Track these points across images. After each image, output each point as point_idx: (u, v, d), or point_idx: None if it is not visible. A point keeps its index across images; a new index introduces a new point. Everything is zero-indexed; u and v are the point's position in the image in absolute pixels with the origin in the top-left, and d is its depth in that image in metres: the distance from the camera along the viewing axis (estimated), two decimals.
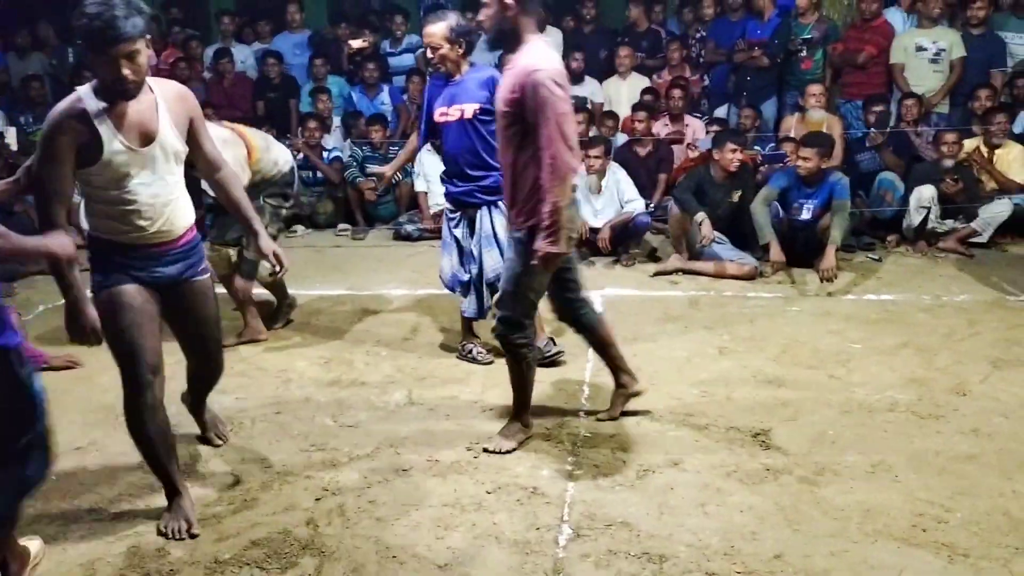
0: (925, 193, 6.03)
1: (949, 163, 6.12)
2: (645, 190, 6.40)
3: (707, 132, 7.03)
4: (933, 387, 3.90)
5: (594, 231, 6.07)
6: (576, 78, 7.68)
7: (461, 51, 4.00)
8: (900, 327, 4.69)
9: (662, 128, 7.12)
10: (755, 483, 3.10)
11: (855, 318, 4.87)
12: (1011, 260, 5.90)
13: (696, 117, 7.37)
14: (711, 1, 8.04)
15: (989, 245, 6.11)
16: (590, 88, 7.72)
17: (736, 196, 5.87)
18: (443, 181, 4.23)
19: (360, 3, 11.05)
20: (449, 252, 4.23)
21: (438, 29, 3.94)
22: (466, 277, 4.18)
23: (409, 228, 6.96)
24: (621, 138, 7.09)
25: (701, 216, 5.68)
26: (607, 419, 3.60)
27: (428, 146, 6.05)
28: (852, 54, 7.02)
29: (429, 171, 6.73)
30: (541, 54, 3.04)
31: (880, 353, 4.33)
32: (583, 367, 4.22)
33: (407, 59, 8.19)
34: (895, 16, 7.21)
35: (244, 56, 8.39)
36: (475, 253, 4.12)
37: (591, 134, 6.77)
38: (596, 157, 6.06)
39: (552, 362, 4.17)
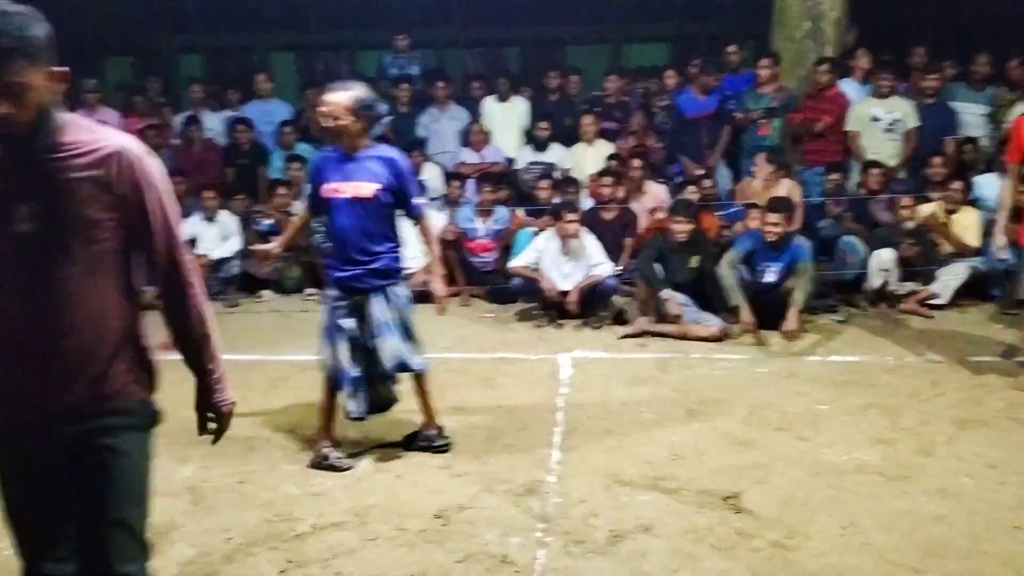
0: (885, 256, 6.17)
1: (908, 227, 6.28)
2: (611, 253, 6.49)
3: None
4: (899, 448, 3.92)
5: (563, 294, 6.11)
6: (541, 145, 7.83)
7: (362, 126, 3.69)
8: (865, 388, 4.74)
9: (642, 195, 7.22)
10: (727, 548, 3.07)
11: (821, 379, 4.91)
12: (970, 321, 6.02)
13: (660, 182, 7.52)
14: (673, 72, 8.34)
15: (949, 307, 6.23)
16: (557, 154, 7.86)
17: (695, 261, 5.98)
18: (328, 265, 3.92)
19: (330, 71, 11.25)
20: (333, 343, 3.76)
21: (341, 99, 3.64)
22: (355, 373, 3.74)
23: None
24: (586, 203, 7.20)
25: (667, 294, 5.76)
26: None
27: None
28: (810, 123, 7.24)
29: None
30: None
31: (846, 414, 4.36)
32: (552, 431, 4.19)
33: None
34: (848, 86, 7.47)
35: (213, 123, 8.44)
36: (368, 345, 3.75)
37: (555, 200, 6.87)
38: (571, 221, 6.14)
39: (439, 449, 3.96)
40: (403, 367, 3.82)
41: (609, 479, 3.65)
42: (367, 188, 3.67)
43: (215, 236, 7.26)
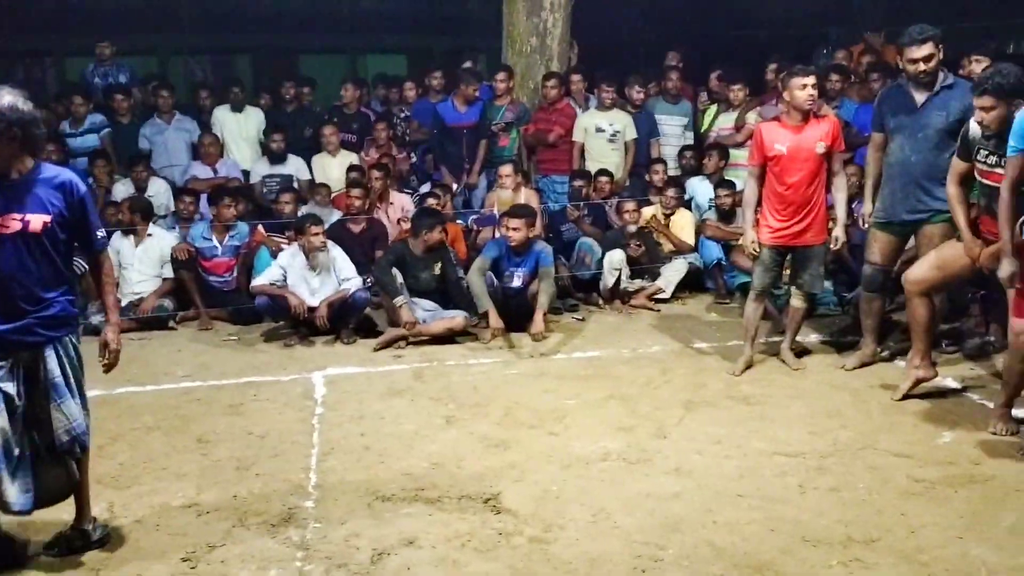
0: (615, 256, 6.63)
1: (632, 229, 6.81)
2: (362, 266, 6.42)
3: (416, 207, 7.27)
4: (639, 433, 4.23)
5: (312, 310, 5.93)
6: (278, 157, 7.57)
7: (15, 145, 2.94)
8: (606, 380, 5.05)
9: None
10: (489, 549, 3.14)
11: (567, 375, 5.17)
12: (690, 312, 6.63)
13: (406, 193, 7.56)
14: (412, 84, 8.44)
15: (672, 300, 6.83)
16: (295, 165, 7.64)
17: (437, 268, 6.08)
18: None
19: (32, 80, 10.16)
20: None
21: None
22: (15, 452, 2.97)
23: (96, 320, 6.32)
24: (335, 214, 7.05)
25: (400, 300, 5.79)
26: None
27: None
28: (543, 134, 7.62)
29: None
30: None
31: (591, 407, 4.62)
32: (308, 454, 4.06)
33: (91, 139, 7.60)
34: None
35: None
36: (39, 415, 3.03)
37: (301, 212, 6.68)
38: (316, 234, 5.98)
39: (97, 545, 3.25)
40: (80, 441, 3.11)
41: (370, 496, 3.59)
42: (35, 220, 2.97)
43: None
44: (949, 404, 4.45)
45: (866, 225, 5.13)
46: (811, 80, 4.77)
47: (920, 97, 4.74)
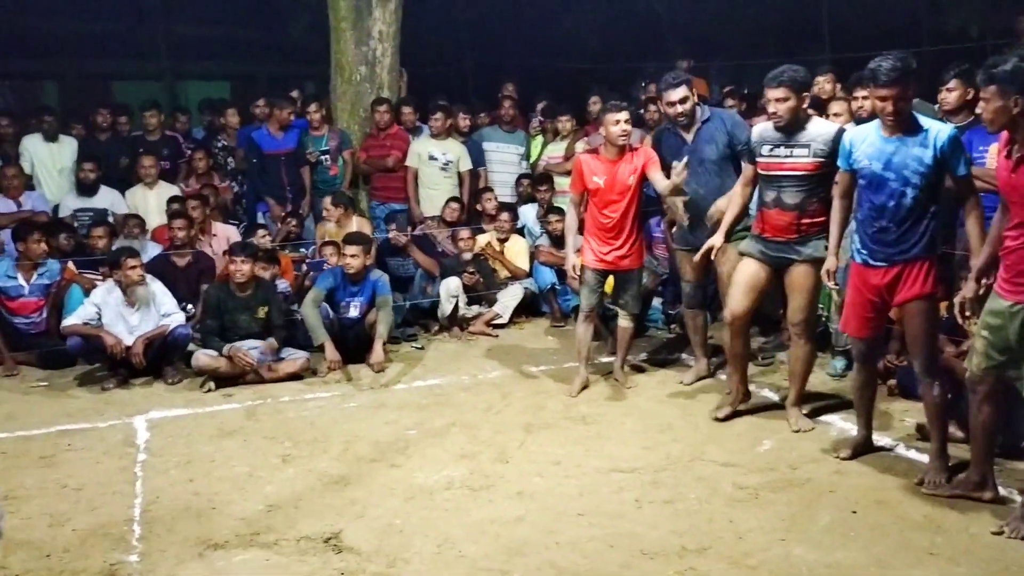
0: (452, 284, 6.66)
1: (467, 256, 6.87)
2: (189, 300, 6.09)
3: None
4: (481, 459, 4.24)
5: (129, 349, 5.55)
6: (89, 189, 7.07)
7: None
8: (447, 408, 5.04)
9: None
10: None
11: (408, 405, 5.12)
12: (527, 336, 6.75)
13: (231, 224, 7.27)
14: (235, 110, 8.19)
15: (509, 325, 6.93)
16: (109, 199, 7.16)
17: (262, 312, 5.79)
18: None
19: None
20: None
21: None
22: None
23: None
24: (151, 247, 6.64)
25: (229, 350, 5.49)
26: None
27: None
28: (380, 159, 7.56)
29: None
30: None
31: (433, 435, 4.59)
32: (131, 504, 3.79)
33: None
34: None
35: None
36: None
37: (116, 245, 6.27)
38: (134, 267, 5.61)
39: None
40: None
41: (201, 545, 3.39)
42: None
43: None
44: (768, 414, 4.75)
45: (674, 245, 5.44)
46: (623, 116, 4.96)
47: (688, 135, 5.05)
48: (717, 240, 4.65)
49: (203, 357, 5.54)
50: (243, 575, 3.15)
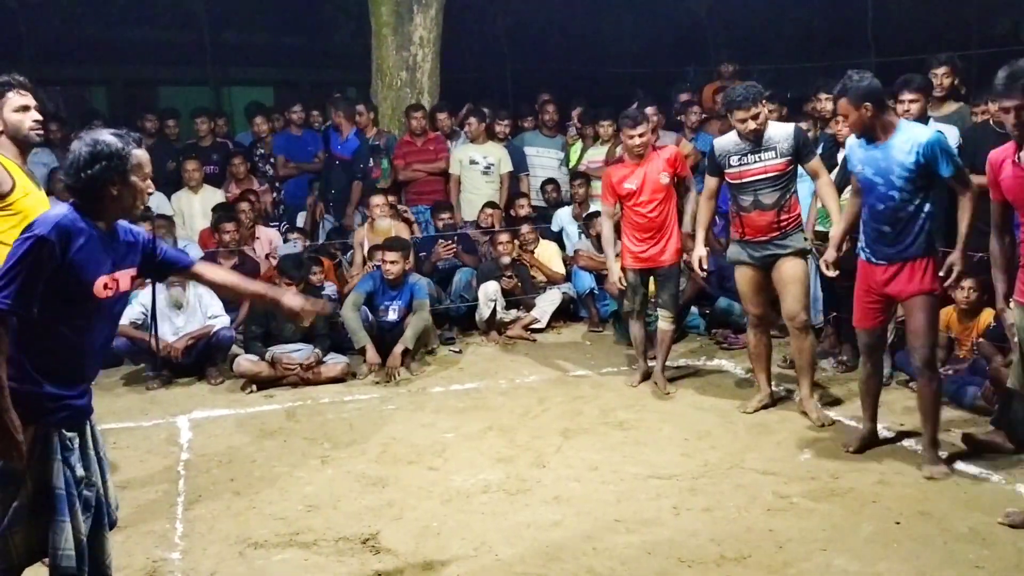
0: (490, 288, 6.68)
1: (506, 261, 6.88)
2: (231, 304, 6.18)
3: (285, 242, 7.11)
4: (518, 464, 4.24)
5: None
6: None
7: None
8: (484, 412, 5.05)
9: None
10: None
11: (445, 408, 5.14)
12: (565, 341, 6.74)
13: (273, 227, 7.37)
14: (280, 114, 8.32)
15: (547, 329, 6.92)
16: (155, 202, 7.29)
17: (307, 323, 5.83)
18: (46, 393, 2.42)
19: None
20: (71, 512, 2.46)
21: None
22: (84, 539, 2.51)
23: None
24: (192, 248, 6.76)
25: (272, 355, 5.59)
26: None
27: None
28: (428, 163, 7.59)
29: None
30: None
31: (470, 439, 4.61)
32: (174, 503, 3.85)
33: None
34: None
35: None
36: (92, 493, 2.57)
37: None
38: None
39: None
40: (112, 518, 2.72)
41: (241, 544, 3.44)
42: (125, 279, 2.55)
43: None
44: (809, 421, 4.68)
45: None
46: (638, 131, 5.10)
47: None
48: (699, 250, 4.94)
49: (244, 363, 5.61)
50: (281, 574, 3.19)
